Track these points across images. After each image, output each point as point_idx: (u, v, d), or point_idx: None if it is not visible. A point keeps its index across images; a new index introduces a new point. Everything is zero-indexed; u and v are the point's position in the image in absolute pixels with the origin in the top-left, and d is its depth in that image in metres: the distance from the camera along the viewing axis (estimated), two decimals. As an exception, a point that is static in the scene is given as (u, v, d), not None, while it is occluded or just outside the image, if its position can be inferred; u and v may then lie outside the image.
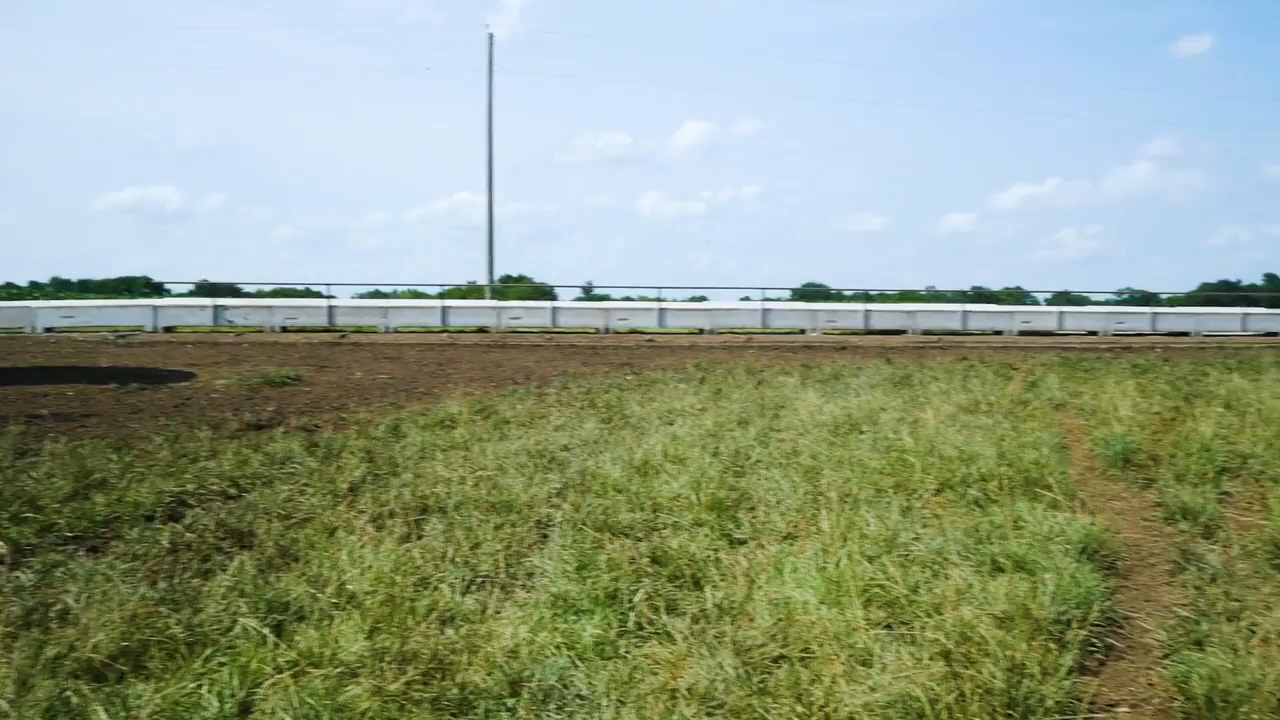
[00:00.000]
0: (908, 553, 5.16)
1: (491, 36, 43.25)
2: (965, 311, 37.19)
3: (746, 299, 40.22)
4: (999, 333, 36.20)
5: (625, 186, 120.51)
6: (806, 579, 4.61)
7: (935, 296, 47.71)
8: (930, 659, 3.68)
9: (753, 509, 6.37)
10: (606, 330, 34.65)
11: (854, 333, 35.54)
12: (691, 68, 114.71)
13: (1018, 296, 46.57)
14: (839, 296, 44.64)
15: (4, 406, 12.22)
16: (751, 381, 15.57)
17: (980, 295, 45.01)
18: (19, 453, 8.41)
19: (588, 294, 49.50)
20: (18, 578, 4.82)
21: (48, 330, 32.62)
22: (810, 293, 48.28)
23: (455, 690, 3.43)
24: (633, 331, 34.68)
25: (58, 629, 4.03)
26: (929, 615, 4.17)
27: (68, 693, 3.33)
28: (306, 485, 7.10)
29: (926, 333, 35.65)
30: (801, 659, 3.77)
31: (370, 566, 4.76)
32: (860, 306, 37.56)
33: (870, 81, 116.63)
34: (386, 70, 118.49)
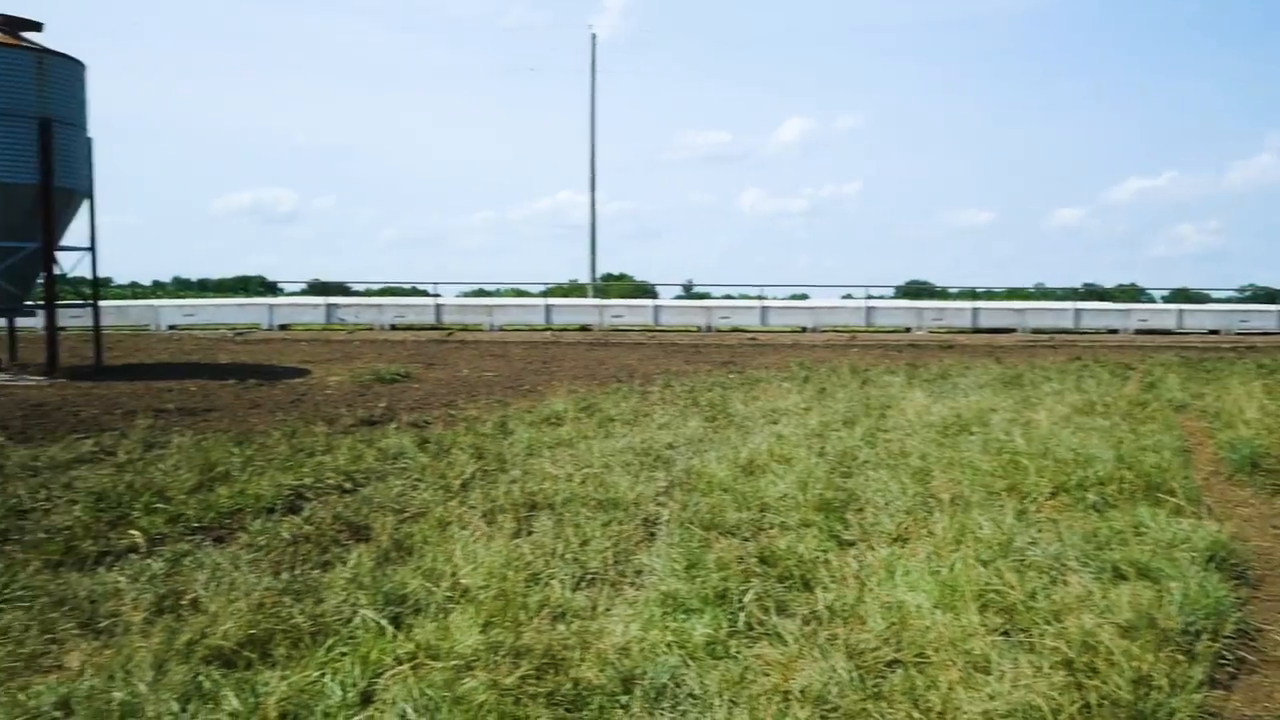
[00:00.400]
0: (1023, 558, 5.03)
1: (594, 36, 43.52)
2: (1078, 309, 36.05)
3: (848, 296, 39.72)
4: (1113, 331, 35.04)
5: (725, 184, 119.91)
6: (919, 583, 4.54)
7: (1044, 294, 46.38)
8: (1051, 668, 3.59)
9: (861, 510, 6.30)
10: (708, 328, 34.58)
11: (960, 331, 34.80)
12: (792, 64, 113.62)
13: (1133, 294, 44.91)
14: (944, 294, 43.76)
15: (133, 401, 12.77)
16: (856, 380, 15.37)
17: (1093, 293, 43.61)
18: (148, 445, 8.78)
19: (688, 292, 49.47)
20: (149, 566, 5.03)
21: (171, 328, 33.96)
22: (914, 290, 47.46)
23: (569, 686, 3.47)
24: (734, 330, 34.55)
25: (188, 616, 4.20)
26: (1048, 623, 4.06)
27: (200, 678, 3.47)
28: (418, 480, 7.26)
29: (1036, 331, 34.71)
30: (916, 664, 3.71)
31: (483, 561, 4.84)
32: (967, 304, 36.74)
33: (975, 73, 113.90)
34: (490, 71, 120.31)
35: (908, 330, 34.83)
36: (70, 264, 17.61)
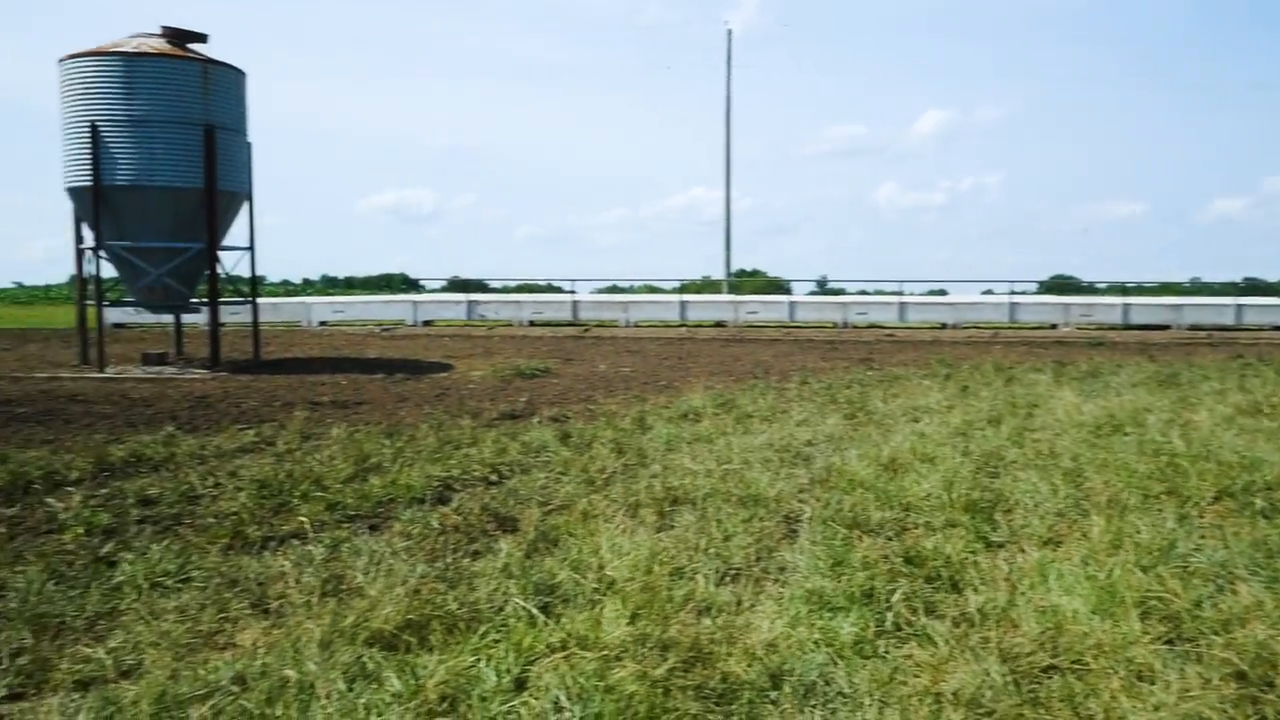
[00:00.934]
0: (1186, 564, 4.82)
1: (730, 32, 43.46)
2: (1239, 305, 34.17)
3: (989, 292, 38.56)
4: (1279, 328, 33.10)
5: (860, 178, 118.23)
6: (1075, 587, 4.40)
7: (1201, 289, 44.10)
8: (1222, 680, 3.43)
9: (1009, 511, 6.14)
10: (844, 325, 34.11)
11: (1110, 328, 33.40)
12: (930, 54, 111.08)
13: (1301, 288, 42.28)
14: (1091, 289, 42.07)
15: (289, 394, 13.37)
16: (1000, 378, 14.95)
17: (1255, 287, 41.21)
18: (305, 436, 9.18)
19: (822, 288, 48.88)
20: (310, 551, 5.27)
21: (321, 324, 35.38)
22: (1060, 285, 45.74)
23: (717, 680, 3.49)
24: (871, 326, 34.00)
25: (349, 599, 4.38)
26: (1216, 633, 3.88)
27: (364, 659, 3.62)
28: (561, 474, 7.39)
29: (1193, 328, 33.07)
30: (1074, 670, 3.60)
31: (628, 554, 4.90)
32: (1118, 300, 35.24)
33: (1124, 59, 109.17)
34: (625, 70, 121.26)
35: (1053, 327, 33.65)
36: (231, 263, 18.55)
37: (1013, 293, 35.99)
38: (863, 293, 40.75)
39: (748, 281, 51.71)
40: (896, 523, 5.89)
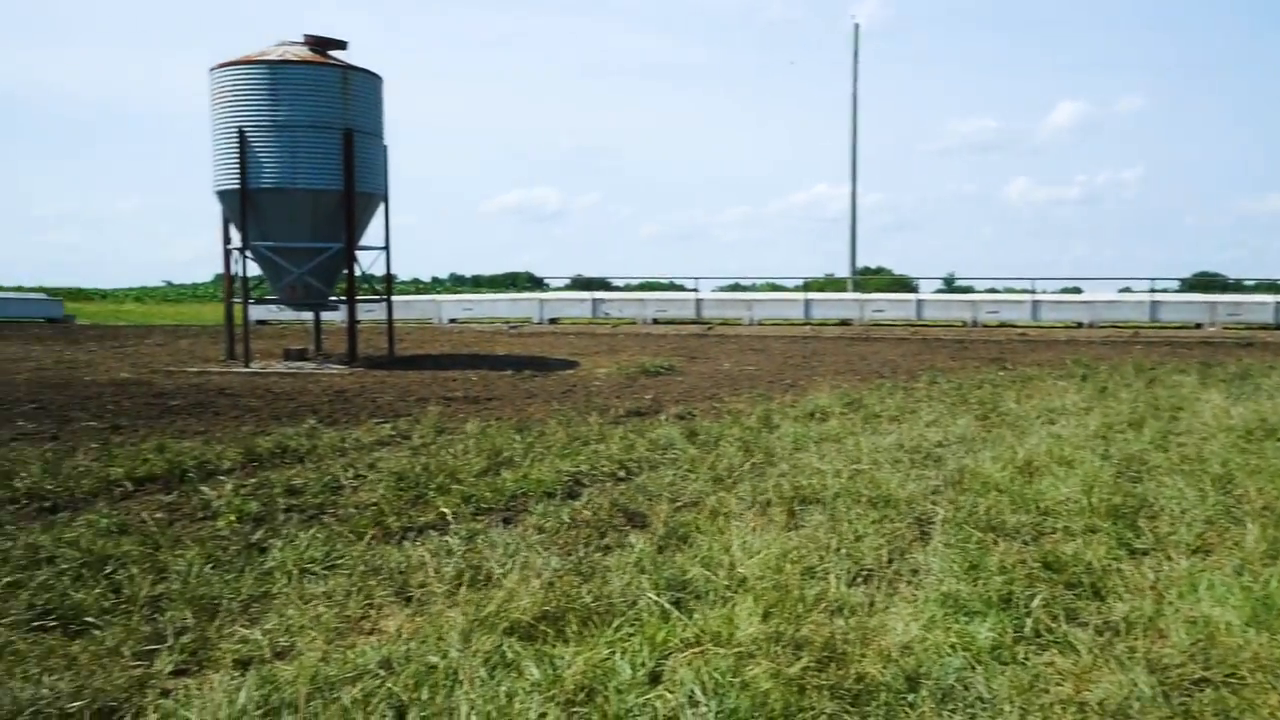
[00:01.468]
0: (1351, 577, 4.57)
1: (857, 26, 42.75)
2: None
3: (1127, 290, 37.09)
4: None
5: (990, 173, 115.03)
6: (1227, 597, 4.22)
7: (1363, 286, 41.52)
8: (1393, 700, 3.26)
9: (1154, 518, 5.92)
10: (974, 323, 33.26)
11: (1261, 327, 31.72)
12: (1066, 44, 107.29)
13: None
14: (1239, 286, 40.04)
15: (422, 389, 13.76)
16: (1141, 379, 14.40)
17: None
18: (439, 430, 9.44)
19: (949, 286, 47.82)
20: (448, 542, 5.42)
21: (451, 321, 36.27)
22: (1204, 282, 43.67)
23: (852, 680, 3.48)
24: (1002, 325, 33.07)
25: (485, 590, 4.50)
26: (1384, 649, 3.68)
27: (503, 648, 3.72)
28: (689, 471, 7.43)
29: (1353, 328, 31.17)
30: (1228, 684, 3.46)
31: (758, 552, 4.91)
32: (1270, 298, 33.39)
33: (1276, 45, 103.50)
34: (748, 67, 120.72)
35: (1198, 326, 32.15)
36: (367, 262, 19.17)
37: (1153, 290, 34.55)
38: (992, 290, 39.66)
39: (872, 279, 50.97)
40: (1033, 527, 5.74)
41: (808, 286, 38.98)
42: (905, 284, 46.25)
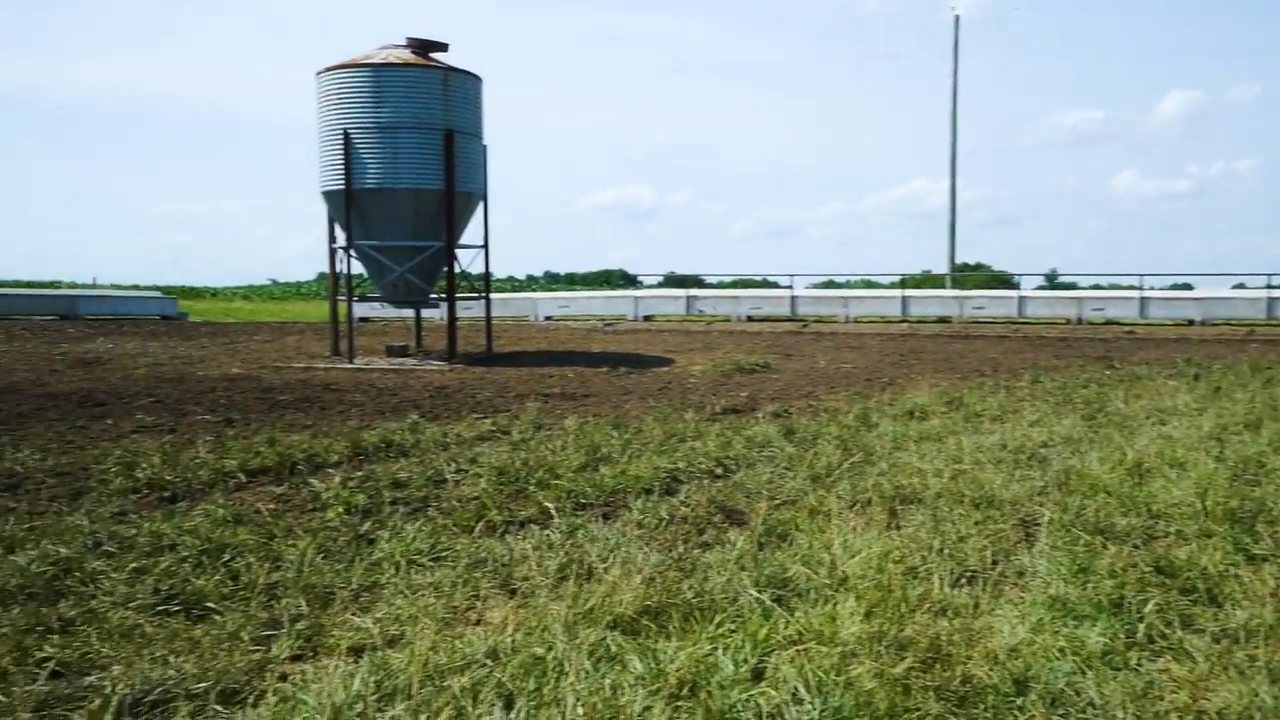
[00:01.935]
0: None
1: (957, 18, 41.97)
2: None
3: (1240, 286, 35.63)
4: None
5: (1095, 165, 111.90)
6: (1355, 607, 4.06)
7: None
8: None
9: (1273, 523, 5.70)
10: (1078, 321, 32.35)
11: (1388, 325, 30.22)
12: (1176, 32, 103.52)
13: None
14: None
15: (520, 385, 13.96)
16: (1258, 379, 13.86)
17: None
18: (537, 426, 9.57)
19: (1051, 282, 46.62)
20: (548, 536, 5.51)
21: (547, 318, 36.67)
22: (1328, 278, 41.64)
23: (958, 682, 3.44)
24: (1108, 323, 32.12)
25: (586, 584, 4.56)
26: None
27: (606, 641, 3.77)
28: (786, 469, 7.40)
29: None
30: (1356, 696, 3.33)
31: (859, 551, 4.87)
32: (1399, 294, 31.80)
33: None
34: (843, 62, 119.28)
35: (1319, 324, 30.77)
36: (466, 260, 19.52)
37: (1270, 286, 33.14)
38: (1096, 287, 38.57)
39: (971, 276, 49.94)
40: (1144, 530, 5.59)
41: (904, 283, 38.30)
42: (1005, 280, 45.21)
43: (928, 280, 45.31)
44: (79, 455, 7.97)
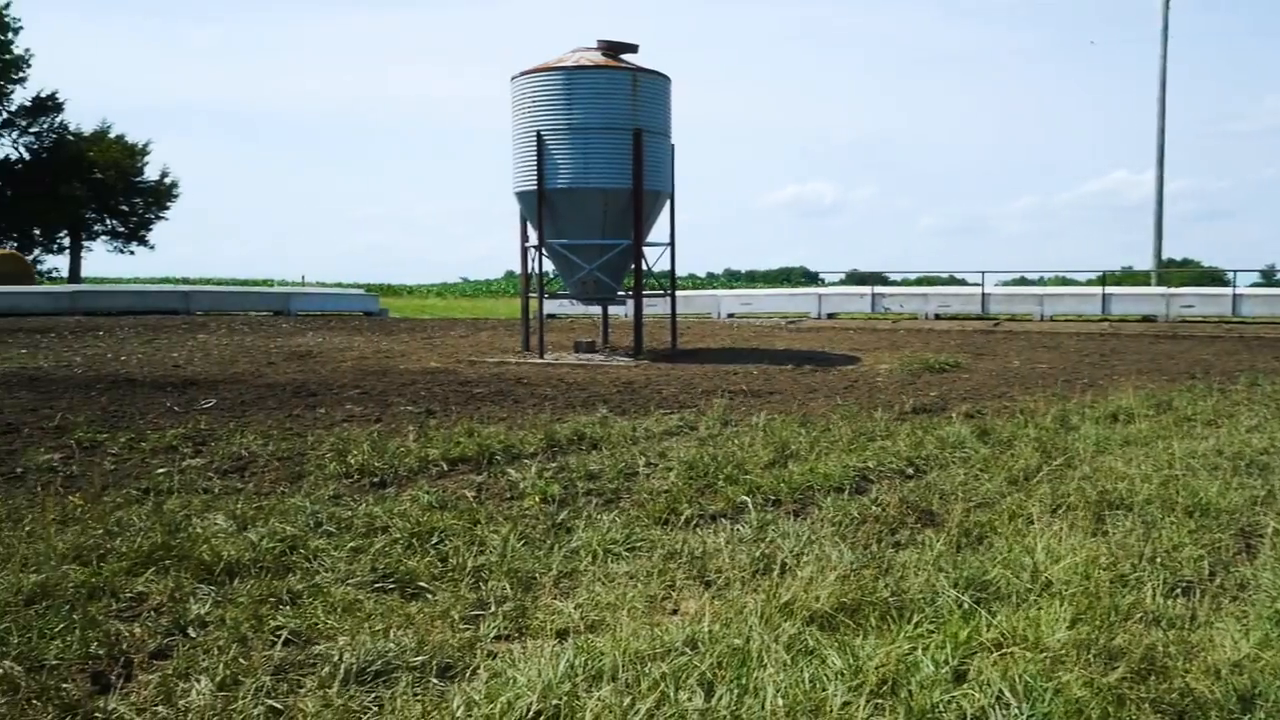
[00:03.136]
0: None
1: (1167, 1, 39.56)
2: None
3: None
4: None
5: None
6: None
7: None
8: None
9: None
10: (1308, 320, 30.05)
11: None
12: None
13: None
14: None
15: (705, 381, 14.07)
16: None
17: None
18: (724, 422, 9.64)
19: (1269, 279, 43.49)
20: (739, 531, 5.55)
21: (729, 316, 36.74)
22: None
23: (1175, 695, 3.29)
24: (1339, 322, 29.73)
25: (779, 579, 4.58)
26: None
27: (803, 635, 3.79)
28: (981, 471, 7.21)
29: None
30: None
31: (1062, 556, 4.72)
32: None
33: None
34: (1035, 50, 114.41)
35: None
36: (652, 258, 19.76)
37: None
38: (1324, 284, 35.70)
39: (1178, 272, 47.13)
40: (1384, 545, 5.18)
41: (1104, 280, 36.47)
42: (1216, 277, 42.41)
43: (1129, 277, 42.95)
44: (296, 442, 8.53)
